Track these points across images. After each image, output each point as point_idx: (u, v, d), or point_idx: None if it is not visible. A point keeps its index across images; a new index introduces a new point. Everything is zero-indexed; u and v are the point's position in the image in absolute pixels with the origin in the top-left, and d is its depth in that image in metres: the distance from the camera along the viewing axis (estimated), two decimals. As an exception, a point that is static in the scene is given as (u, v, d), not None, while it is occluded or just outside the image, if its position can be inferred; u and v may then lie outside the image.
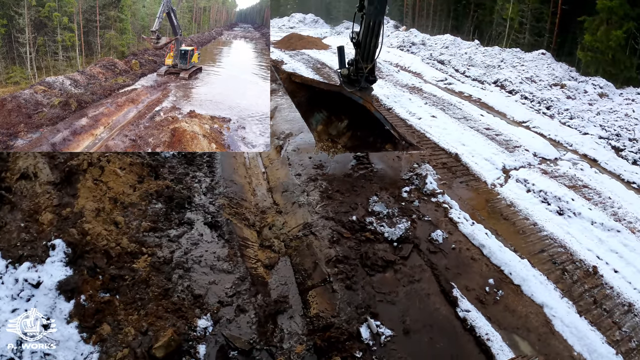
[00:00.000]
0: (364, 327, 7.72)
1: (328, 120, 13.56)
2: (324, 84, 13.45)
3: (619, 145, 16.29)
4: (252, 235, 10.37)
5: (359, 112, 12.66)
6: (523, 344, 7.78)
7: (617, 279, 9.50)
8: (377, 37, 11.70)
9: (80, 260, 7.92)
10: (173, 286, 8.16)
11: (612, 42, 22.74)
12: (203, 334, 7.39)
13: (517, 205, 11.76)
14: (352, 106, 12.60)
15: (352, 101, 12.42)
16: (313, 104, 13.32)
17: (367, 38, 11.70)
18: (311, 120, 13.40)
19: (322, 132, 13.41)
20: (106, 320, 7.14)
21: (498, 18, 35.37)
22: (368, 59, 12.11)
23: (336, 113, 13.48)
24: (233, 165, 13.19)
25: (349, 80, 12.65)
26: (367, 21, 11.46)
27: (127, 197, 10.08)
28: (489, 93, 22.19)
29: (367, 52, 12.00)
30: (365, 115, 12.55)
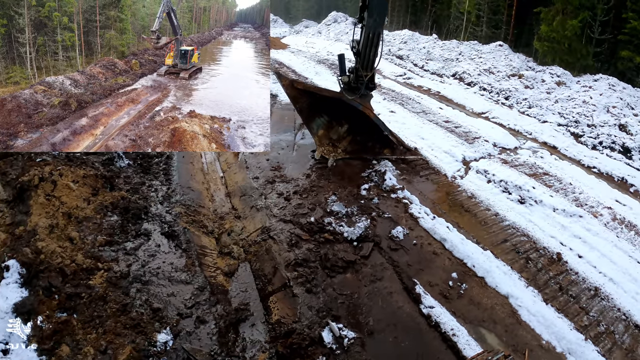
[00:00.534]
0: (326, 331, 7.56)
1: (329, 125, 13.97)
2: (325, 90, 13.80)
3: (578, 131, 16.47)
4: (211, 242, 10.15)
5: (359, 118, 13.11)
6: (490, 337, 7.70)
7: (582, 264, 9.54)
8: (376, 47, 11.99)
9: (35, 280, 7.63)
10: (131, 301, 7.90)
11: (568, 31, 23.10)
12: (163, 348, 7.15)
13: (478, 197, 11.73)
14: (352, 112, 13.01)
15: (352, 107, 12.82)
16: (314, 109, 13.73)
17: (367, 48, 12.01)
18: (312, 125, 13.86)
19: (323, 136, 13.87)
20: (65, 341, 6.87)
21: (455, 12, 35.72)
22: (368, 67, 12.35)
23: (337, 118, 13.91)
24: (190, 172, 12.94)
25: (349, 88, 12.84)
26: (366, 32, 11.80)
27: (81, 211, 9.78)
28: (448, 86, 22.34)
29: (366, 61, 12.26)
30: (365, 121, 13.04)
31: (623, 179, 13.40)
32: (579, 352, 7.52)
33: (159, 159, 13.19)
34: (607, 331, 8.03)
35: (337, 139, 13.80)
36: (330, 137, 13.80)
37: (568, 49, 23.88)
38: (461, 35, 33.74)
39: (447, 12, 37.83)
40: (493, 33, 31.49)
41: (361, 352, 7.28)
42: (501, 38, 29.63)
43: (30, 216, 9.03)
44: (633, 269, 9.51)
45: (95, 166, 11.53)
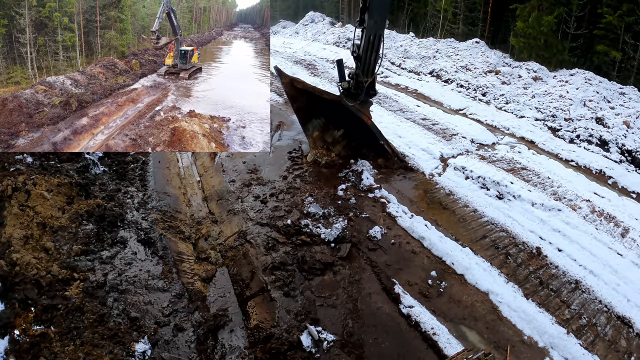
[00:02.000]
0: (305, 334, 7.48)
1: (325, 127, 13.86)
2: (325, 92, 13.43)
3: (555, 125, 16.54)
4: (188, 248, 10.04)
5: (356, 124, 13.03)
6: (471, 334, 7.67)
7: (562, 257, 9.56)
8: (377, 51, 11.73)
9: (10, 293, 7.49)
10: (108, 311, 7.78)
11: (544, 27, 23.19)
12: (142, 358, 7.05)
13: (456, 194, 11.71)
14: (350, 117, 12.91)
15: (349, 112, 12.72)
16: (312, 110, 13.65)
17: (368, 52, 11.74)
18: (308, 126, 13.78)
19: (318, 138, 13.75)
20: (42, 354, 6.74)
21: (432, 10, 35.77)
22: (368, 72, 12.08)
23: (333, 121, 13.76)
24: (167, 177, 12.80)
25: (349, 94, 12.69)
26: (367, 35, 11.53)
27: (56, 221, 9.62)
28: (425, 84, 22.37)
29: (367, 65, 11.98)
30: (362, 128, 13.00)
31: (601, 171, 13.47)
32: (561, 346, 7.52)
33: (134, 164, 13.04)
34: (589, 324, 8.04)
35: (331, 142, 13.71)
36: (325, 140, 13.72)
37: (544, 45, 24.01)
38: (438, 33, 33.78)
39: (423, 10, 37.88)
40: (470, 30, 31.57)
41: (341, 355, 7.20)
42: (478, 35, 29.71)
43: (4, 227, 8.86)
44: (613, 261, 9.54)
45: (69, 174, 11.36)
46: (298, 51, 32.82)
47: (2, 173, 10.40)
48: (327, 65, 27.31)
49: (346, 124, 13.52)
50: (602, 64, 22.41)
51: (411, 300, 8.18)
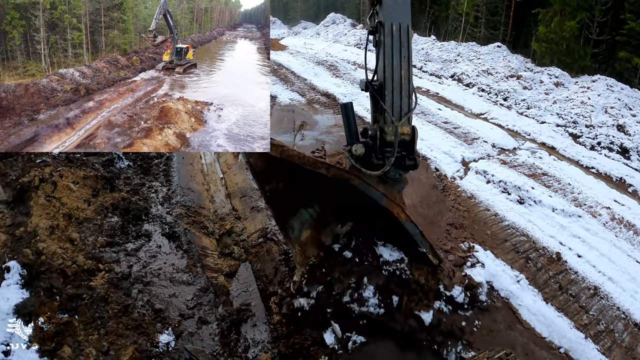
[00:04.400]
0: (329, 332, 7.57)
1: (320, 222, 8.25)
2: (324, 163, 6.92)
3: (576, 132, 16.52)
4: (212, 243, 10.17)
5: (378, 218, 7.72)
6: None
7: (581, 263, 9.59)
8: (408, 62, 6.92)
9: (36, 281, 7.65)
10: (133, 302, 7.93)
11: (566, 32, 23.15)
12: (166, 349, 7.19)
13: (477, 197, 11.77)
14: (366, 205, 7.43)
15: (365, 198, 7.09)
16: (297, 194, 8.01)
17: (393, 65, 6.81)
18: (292, 222, 8.28)
19: (310, 241, 8.20)
20: (66, 342, 6.90)
21: (454, 13, 35.75)
22: (401, 111, 6.90)
23: (335, 211, 8.21)
24: (190, 173, 12.96)
25: (366, 164, 6.87)
26: (387, 27, 6.90)
27: (82, 212, 9.80)
28: (447, 87, 22.36)
29: (397, 96, 6.85)
30: (388, 224, 7.57)
31: (621, 179, 13.46)
32: (579, 350, 7.58)
33: (158, 160, 13.22)
34: (606, 330, 8.10)
35: (331, 243, 8.17)
36: (322, 243, 8.17)
37: (566, 50, 23.96)
38: (459, 36, 33.78)
39: (445, 14, 37.88)
40: (491, 34, 31.55)
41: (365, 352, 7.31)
42: (499, 39, 29.70)
43: (31, 217, 9.03)
44: (632, 268, 9.59)
45: (95, 167, 11.56)
46: (319, 52, 32.93)
47: (29, 164, 10.60)
48: (349, 66, 27.33)
49: (357, 215, 8.09)
50: (624, 70, 22.36)
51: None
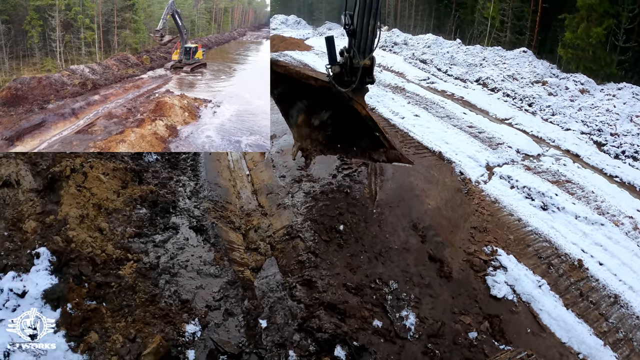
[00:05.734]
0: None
1: (310, 109, 11.56)
2: (311, 77, 10.79)
3: (600, 140, 16.44)
4: (238, 238, 10.34)
5: (348, 113, 10.89)
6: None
7: (603, 271, 9.63)
8: (375, 18, 9.42)
9: (65, 268, 7.85)
10: (160, 292, 8.11)
11: (593, 39, 23.01)
12: (192, 339, 7.37)
13: (501, 202, 11.81)
14: (341, 105, 10.77)
15: (340, 99, 10.53)
16: (295, 96, 11.48)
17: (364, 19, 9.43)
18: (292, 112, 11.74)
19: (303, 124, 11.67)
20: (93, 329, 7.09)
21: (479, 17, 35.60)
22: (366, 50, 9.81)
23: (321, 103, 11.34)
24: (217, 168, 13.14)
25: (340, 80, 10.15)
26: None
27: (111, 203, 10.00)
28: (472, 91, 22.25)
29: (364, 40, 9.71)
30: (355, 118, 10.93)
31: (645, 188, 13.40)
32: (597, 357, 7.67)
33: (186, 155, 13.41)
34: (625, 338, 8.18)
35: (319, 125, 11.56)
36: (312, 124, 11.56)
37: (592, 57, 23.79)
38: (485, 40, 33.64)
39: (471, 17, 37.72)
40: (517, 39, 31.37)
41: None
42: (525, 44, 29.54)
43: (61, 206, 9.23)
44: (653, 279, 9.56)
45: (124, 160, 11.77)
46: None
47: (60, 154, 10.80)
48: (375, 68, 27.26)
49: (336, 112, 11.25)
50: (651, 78, 22.17)
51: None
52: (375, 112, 18.20)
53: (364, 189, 11.75)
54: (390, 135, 11.78)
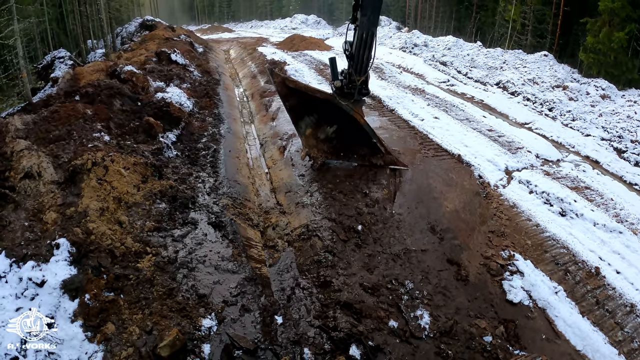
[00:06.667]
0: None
1: (317, 124, 13.52)
2: (317, 91, 13.15)
3: (621, 147, 16.28)
4: (256, 235, 10.43)
5: (349, 122, 12.71)
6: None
7: (620, 280, 9.54)
8: (369, 50, 11.64)
9: (84, 259, 7.98)
10: (177, 286, 8.22)
11: (614, 43, 22.79)
12: (208, 333, 7.45)
13: (519, 206, 11.75)
14: (343, 116, 12.61)
15: (343, 111, 12.39)
16: (304, 109, 13.30)
17: (360, 50, 11.61)
18: (301, 124, 13.44)
19: (311, 135, 13.42)
20: (111, 320, 7.21)
21: (500, 20, 35.44)
22: (361, 71, 11.95)
23: (326, 119, 13.41)
24: (236, 166, 13.24)
25: (341, 93, 12.33)
26: (359, 33, 11.39)
27: (131, 197, 10.13)
28: (492, 94, 22.12)
29: (360, 64, 11.86)
30: (355, 127, 12.68)
31: (665, 198, 13.26)
32: (611, 365, 7.63)
33: (205, 151, 13.52)
34: (640, 348, 8.09)
35: (324, 138, 13.50)
36: (318, 137, 13.50)
37: (614, 62, 23.57)
38: (506, 43, 33.47)
39: (491, 20, 37.57)
40: (538, 42, 31.18)
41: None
42: (546, 48, 29.36)
43: (82, 198, 9.38)
44: (670, 290, 9.49)
45: (145, 155, 11.89)
46: (365, 53, 32.95)
47: (81, 148, 10.93)
48: (394, 69, 27.36)
49: (339, 122, 13.18)
50: (673, 85, 21.95)
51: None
52: (395, 113, 18.20)
53: (383, 190, 11.72)
54: (385, 142, 13.54)
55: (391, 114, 18.19)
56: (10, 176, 9.61)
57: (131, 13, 61.47)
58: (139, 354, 6.74)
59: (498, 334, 7.99)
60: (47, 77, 23.29)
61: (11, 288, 7.13)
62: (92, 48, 35.51)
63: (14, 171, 9.72)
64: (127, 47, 32.19)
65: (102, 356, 6.68)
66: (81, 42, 33.76)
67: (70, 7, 34.16)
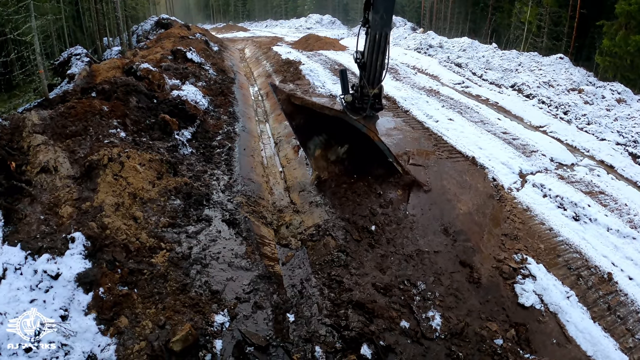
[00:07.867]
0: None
1: (327, 144, 12.89)
2: (326, 107, 11.93)
3: (636, 151, 16.17)
4: (270, 233, 10.49)
5: (362, 141, 12.07)
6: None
7: (632, 286, 9.47)
8: (383, 54, 10.77)
9: (99, 253, 8.08)
10: (191, 281, 8.29)
11: (631, 47, 22.62)
12: (220, 329, 7.51)
13: (533, 210, 11.71)
14: (355, 133, 11.96)
15: (354, 128, 11.74)
16: (313, 127, 12.69)
17: (373, 55, 10.75)
18: (309, 144, 12.81)
19: (320, 157, 12.80)
20: (124, 313, 7.29)
21: (516, 21, 35.34)
22: (374, 81, 11.15)
23: (336, 138, 12.85)
24: (251, 164, 13.30)
25: (352, 108, 11.53)
26: (372, 34, 10.54)
27: (146, 193, 10.22)
28: (506, 97, 22.02)
29: (373, 73, 11.05)
30: (368, 145, 12.01)
31: (680, 204, 13.17)
32: (622, 372, 7.61)
33: (220, 149, 13.58)
34: (651, 355, 8.06)
35: (335, 159, 12.84)
36: (328, 158, 12.83)
37: (630, 65, 23.41)
38: (521, 45, 33.36)
39: (507, 21, 37.45)
40: (554, 45, 31.05)
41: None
42: (562, 50, 29.20)
43: (97, 193, 9.47)
44: (683, 297, 9.43)
45: (160, 151, 11.97)
46: (379, 55, 32.92)
47: (97, 144, 11.03)
48: (409, 70, 27.30)
49: (351, 140, 12.55)
50: (690, 89, 21.79)
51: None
52: (409, 114, 18.19)
53: (397, 191, 11.74)
54: (402, 159, 12.78)
55: (406, 115, 18.16)
56: (26, 170, 9.71)
57: (147, 11, 62.10)
58: (151, 348, 6.80)
59: (509, 337, 7.99)
60: (64, 73, 23.39)
61: (26, 280, 7.21)
62: (108, 45, 35.87)
63: (30, 165, 9.81)
64: (143, 45, 32.31)
65: (115, 349, 6.74)
66: (97, 39, 34.11)
67: (87, 5, 34.63)
